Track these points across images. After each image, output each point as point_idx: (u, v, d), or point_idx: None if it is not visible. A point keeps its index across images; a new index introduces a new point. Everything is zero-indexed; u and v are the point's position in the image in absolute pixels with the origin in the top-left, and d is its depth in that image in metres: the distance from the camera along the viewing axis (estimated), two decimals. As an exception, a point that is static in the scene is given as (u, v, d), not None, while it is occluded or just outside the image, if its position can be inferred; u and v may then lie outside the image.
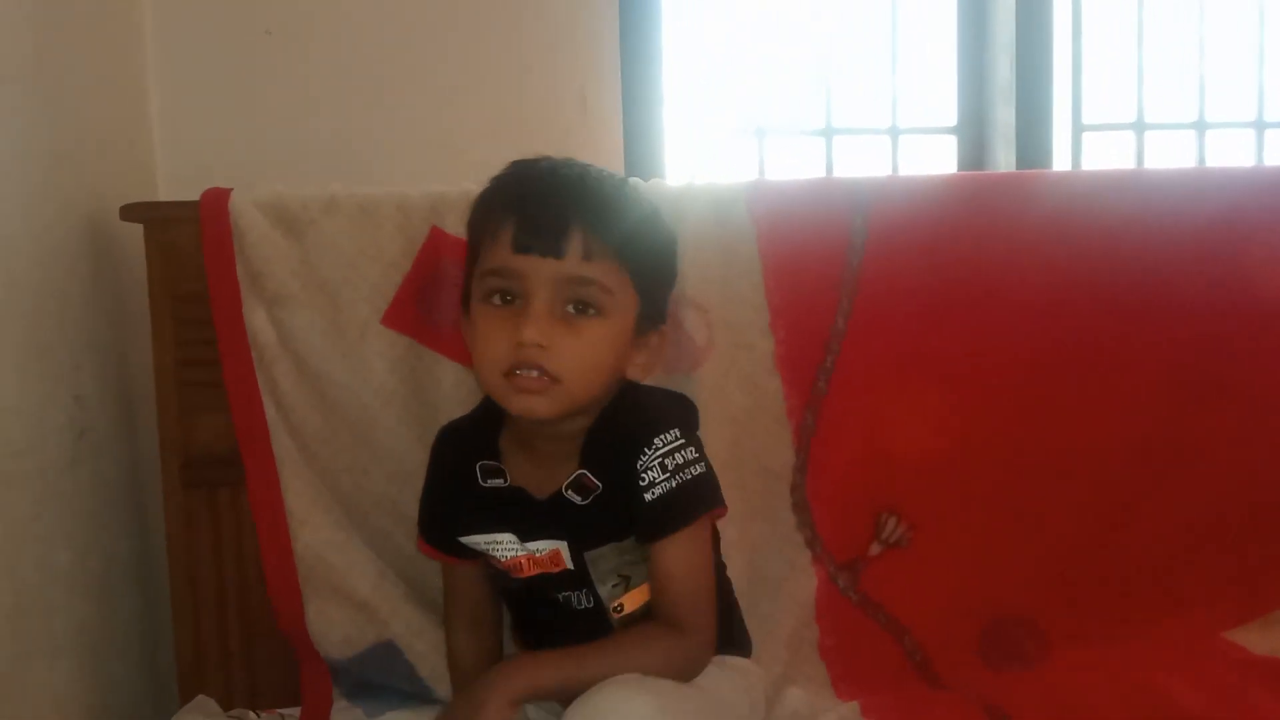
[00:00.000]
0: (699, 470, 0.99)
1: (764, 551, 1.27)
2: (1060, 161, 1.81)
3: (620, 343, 0.98)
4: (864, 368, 1.27)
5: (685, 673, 0.97)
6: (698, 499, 0.99)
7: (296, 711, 1.21)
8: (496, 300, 0.96)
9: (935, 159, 1.85)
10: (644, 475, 0.97)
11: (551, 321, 0.94)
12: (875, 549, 1.30)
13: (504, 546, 1.04)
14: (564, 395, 0.95)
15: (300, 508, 1.19)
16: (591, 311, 0.96)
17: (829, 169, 1.81)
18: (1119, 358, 1.29)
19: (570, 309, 0.95)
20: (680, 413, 1.04)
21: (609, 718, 0.87)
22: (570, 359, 0.94)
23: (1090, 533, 1.31)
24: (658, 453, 0.98)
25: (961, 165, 1.83)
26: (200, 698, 1.24)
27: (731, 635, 1.10)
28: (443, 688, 1.20)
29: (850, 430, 1.27)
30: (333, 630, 1.19)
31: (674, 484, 0.97)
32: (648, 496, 0.97)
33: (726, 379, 1.25)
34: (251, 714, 1.23)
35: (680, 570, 0.98)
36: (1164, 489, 1.31)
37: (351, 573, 1.20)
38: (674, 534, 0.98)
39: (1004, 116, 1.80)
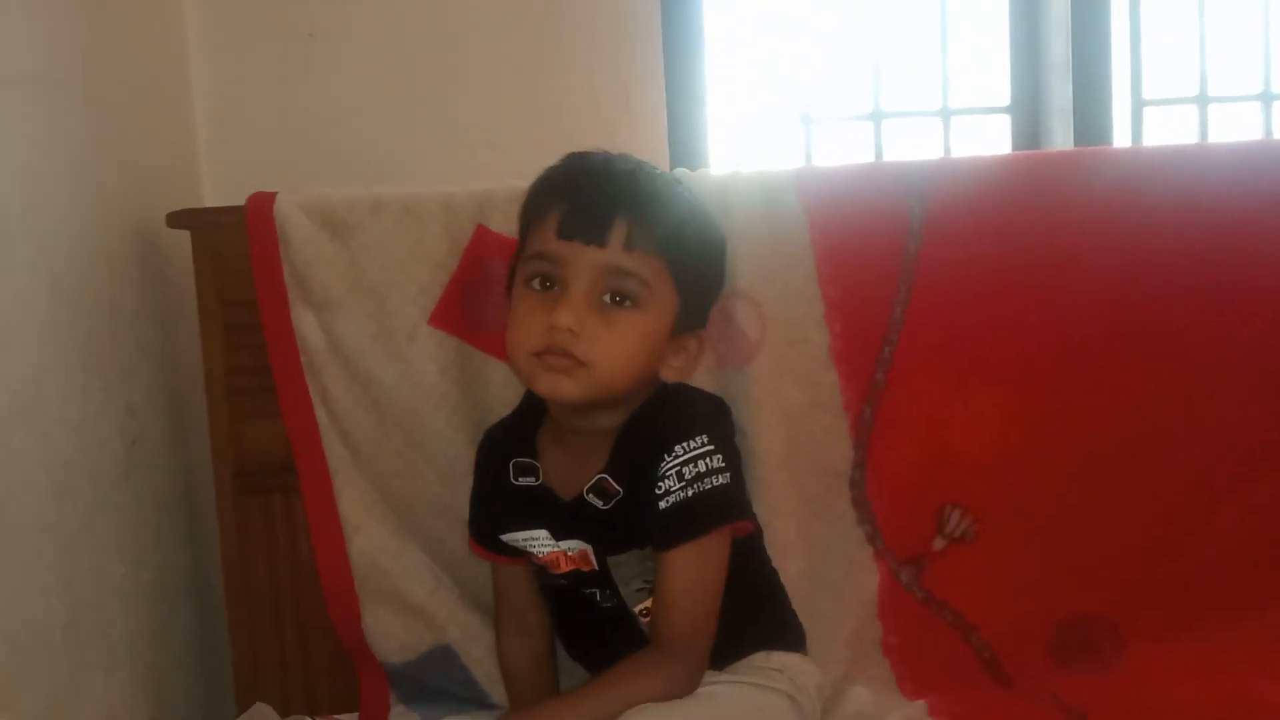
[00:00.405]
0: (719, 481, 0.96)
1: (824, 549, 1.23)
2: (1120, 138, 1.75)
3: (655, 339, 0.97)
4: (924, 358, 1.23)
5: (683, 689, 0.96)
6: (712, 511, 0.96)
7: (354, 717, 1.20)
8: (536, 285, 0.96)
9: (989, 140, 1.79)
10: (661, 482, 0.95)
11: (587, 309, 0.94)
12: (939, 543, 1.26)
13: (540, 543, 1.03)
14: (591, 380, 0.94)
15: (354, 514, 1.18)
16: (628, 304, 0.95)
17: (878, 154, 1.77)
18: (1195, 343, 1.24)
19: (607, 299, 0.95)
20: (711, 419, 1.01)
21: None
22: (601, 347, 0.93)
23: (1168, 527, 1.25)
24: (677, 460, 0.96)
25: (1016, 146, 1.78)
26: (258, 705, 1.23)
27: (780, 629, 1.07)
28: (499, 692, 1.19)
29: (911, 423, 1.23)
30: (389, 636, 1.18)
31: (688, 494, 0.95)
32: (661, 505, 0.95)
33: (781, 374, 1.22)
34: (309, 720, 1.23)
35: (684, 584, 0.96)
36: (1247, 482, 1.25)
37: (407, 578, 1.18)
38: (682, 545, 0.96)
39: (1060, 93, 1.74)
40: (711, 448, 0.97)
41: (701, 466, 0.96)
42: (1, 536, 0.93)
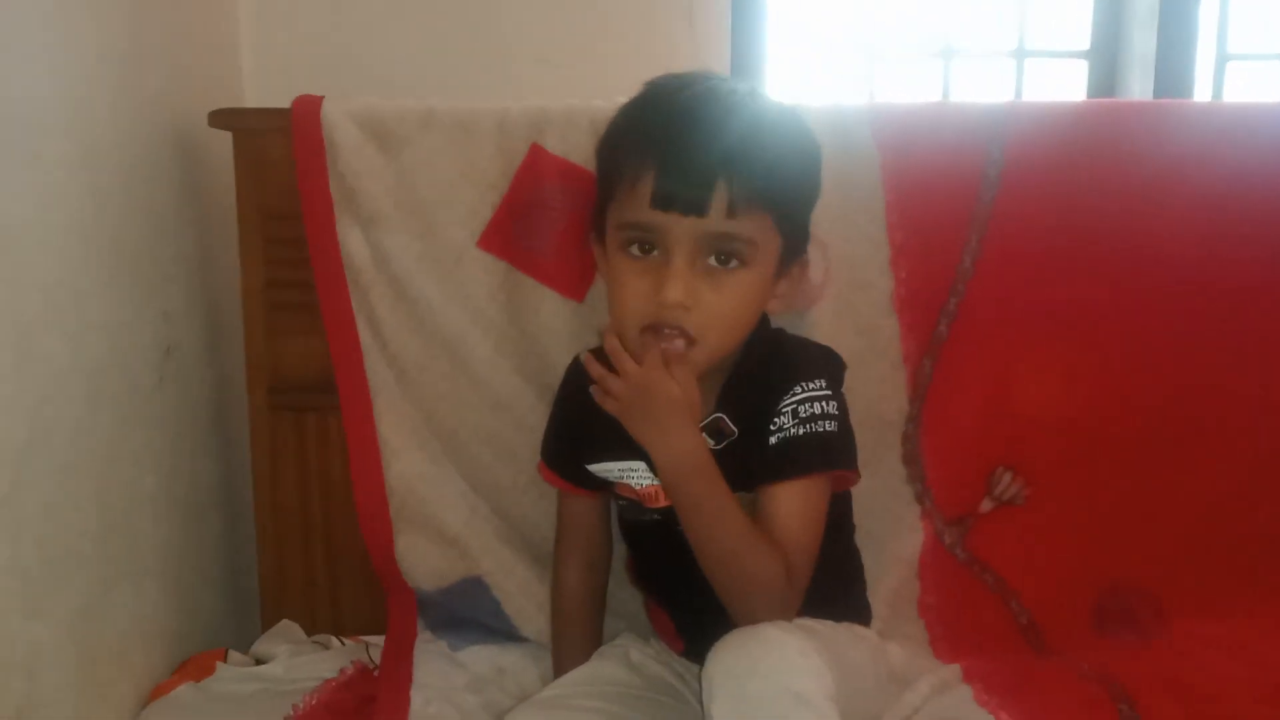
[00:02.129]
0: (831, 427, 0.93)
1: (869, 504, 1.18)
2: (1201, 92, 1.66)
3: (763, 289, 0.94)
4: (990, 312, 1.17)
5: (777, 609, 0.90)
6: (821, 453, 0.93)
7: (380, 640, 1.19)
8: (635, 251, 0.91)
9: (1063, 86, 1.71)
10: (777, 418, 0.92)
11: (694, 277, 0.89)
12: (987, 505, 1.22)
13: (638, 475, 0.99)
14: (705, 354, 0.91)
15: (394, 438, 1.16)
16: (735, 263, 0.90)
17: (945, 93, 1.69)
18: (1276, 313, 1.18)
19: (713, 260, 0.90)
20: (828, 365, 0.98)
21: (770, 654, 0.81)
22: (713, 316, 0.90)
23: (1224, 502, 1.21)
24: (795, 398, 0.93)
25: (1091, 93, 1.70)
26: (284, 622, 1.23)
27: (853, 604, 1.05)
28: (528, 626, 1.17)
29: (971, 379, 1.19)
30: (422, 563, 1.16)
31: (799, 432, 0.92)
32: (772, 440, 0.92)
33: (841, 319, 1.17)
34: (336, 639, 1.22)
35: (784, 520, 0.92)
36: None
37: (443, 506, 1.16)
38: (785, 481, 0.92)
39: (1142, 41, 1.66)
40: (829, 393, 0.95)
41: (816, 409, 0.93)
42: (37, 441, 0.91)
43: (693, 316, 0.89)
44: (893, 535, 1.20)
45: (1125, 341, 1.18)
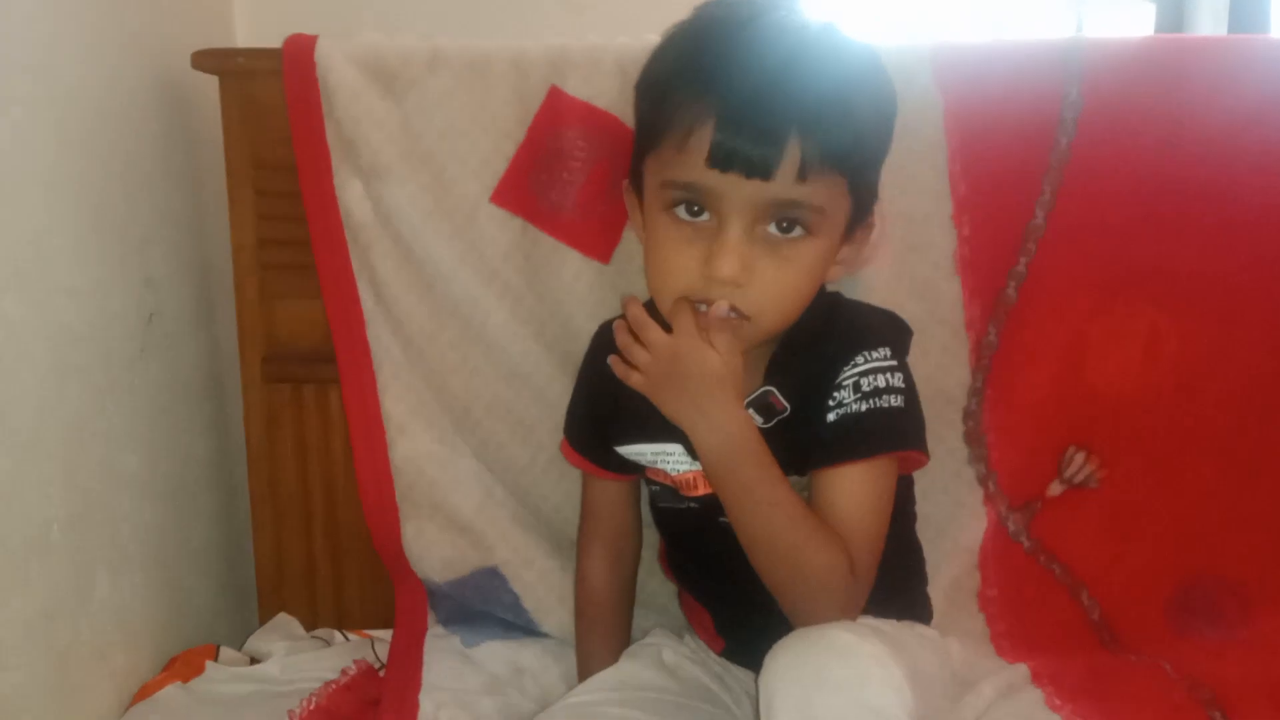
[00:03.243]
0: (897, 402, 0.82)
1: (927, 487, 1.08)
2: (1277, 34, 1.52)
3: (828, 259, 0.82)
4: (1064, 273, 1.05)
5: (840, 608, 0.80)
6: (886, 433, 0.82)
7: (387, 635, 1.10)
8: (682, 213, 0.79)
9: (1127, 30, 1.57)
10: (836, 393, 0.81)
11: (750, 247, 0.77)
12: (1056, 488, 1.11)
13: (674, 460, 0.88)
14: (756, 332, 0.81)
15: (400, 413, 1.05)
16: (798, 231, 0.78)
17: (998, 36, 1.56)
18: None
19: (773, 228, 0.78)
20: (893, 332, 0.87)
21: (842, 662, 0.71)
22: (770, 292, 0.78)
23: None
24: (857, 370, 0.82)
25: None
26: (281, 616, 1.15)
27: (913, 601, 0.95)
28: (549, 621, 1.07)
29: (1041, 348, 1.07)
30: (431, 552, 1.07)
31: (862, 408, 0.81)
32: (830, 417, 0.81)
33: (898, 281, 1.05)
34: (338, 634, 1.13)
35: (847, 506, 0.81)
36: None
37: (455, 490, 1.06)
38: (847, 464, 0.81)
39: (1215, -20, 1.51)
40: (894, 363, 0.84)
41: (881, 381, 0.82)
42: (-8, 417, 0.80)
43: (747, 293, 0.78)
44: (952, 521, 1.09)
45: (1215, 308, 1.06)
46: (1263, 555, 1.10)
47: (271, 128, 1.06)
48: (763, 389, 0.85)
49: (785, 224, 0.78)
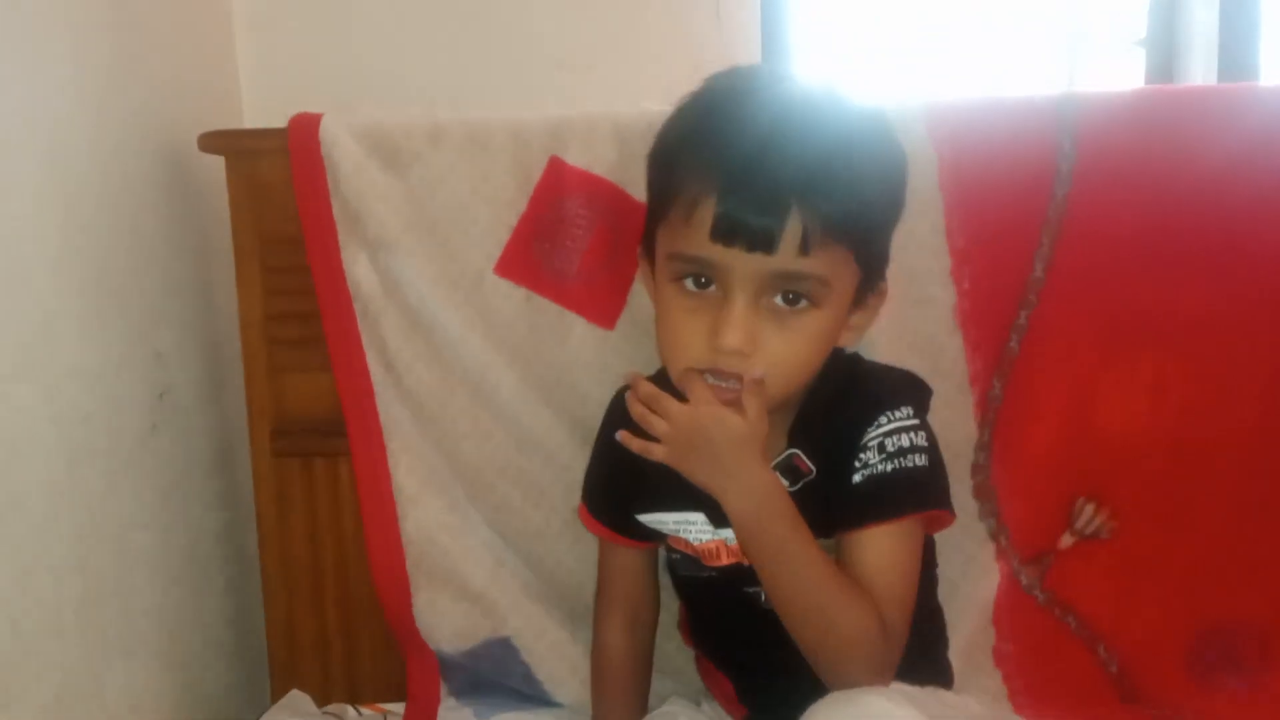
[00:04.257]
0: (922, 461, 0.82)
1: (940, 545, 1.06)
2: (1267, 78, 1.54)
3: (836, 328, 0.82)
4: (1067, 324, 1.05)
5: (874, 671, 0.80)
6: (912, 492, 0.83)
7: (400, 708, 1.09)
8: (689, 285, 0.80)
9: (1119, 76, 1.59)
10: (861, 454, 0.81)
11: (756, 318, 0.77)
12: (1067, 540, 1.10)
13: (696, 529, 0.88)
14: (763, 403, 0.80)
15: (411, 484, 1.05)
16: (804, 303, 0.79)
17: (993, 85, 1.58)
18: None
19: (778, 300, 0.78)
20: (913, 392, 0.88)
21: None
22: (777, 362, 0.78)
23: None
24: (880, 430, 0.82)
25: (1150, 82, 1.57)
26: (294, 693, 1.13)
27: (938, 668, 0.94)
28: (561, 692, 1.06)
29: (1047, 400, 1.06)
30: (443, 623, 1.06)
31: (888, 468, 0.81)
32: (856, 479, 0.81)
33: (899, 338, 1.06)
34: (351, 710, 1.12)
35: (877, 566, 0.81)
36: None
37: (466, 559, 1.05)
38: (876, 525, 0.81)
39: (1203, 26, 1.54)
40: (916, 423, 0.84)
41: (905, 441, 0.82)
42: (5, 504, 0.81)
43: (753, 363, 0.78)
44: (964, 578, 1.08)
45: (1221, 351, 1.06)
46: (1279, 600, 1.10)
47: (277, 204, 1.08)
48: (788, 452, 0.85)
49: (790, 295, 0.78)
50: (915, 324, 1.06)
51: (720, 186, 0.75)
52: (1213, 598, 1.09)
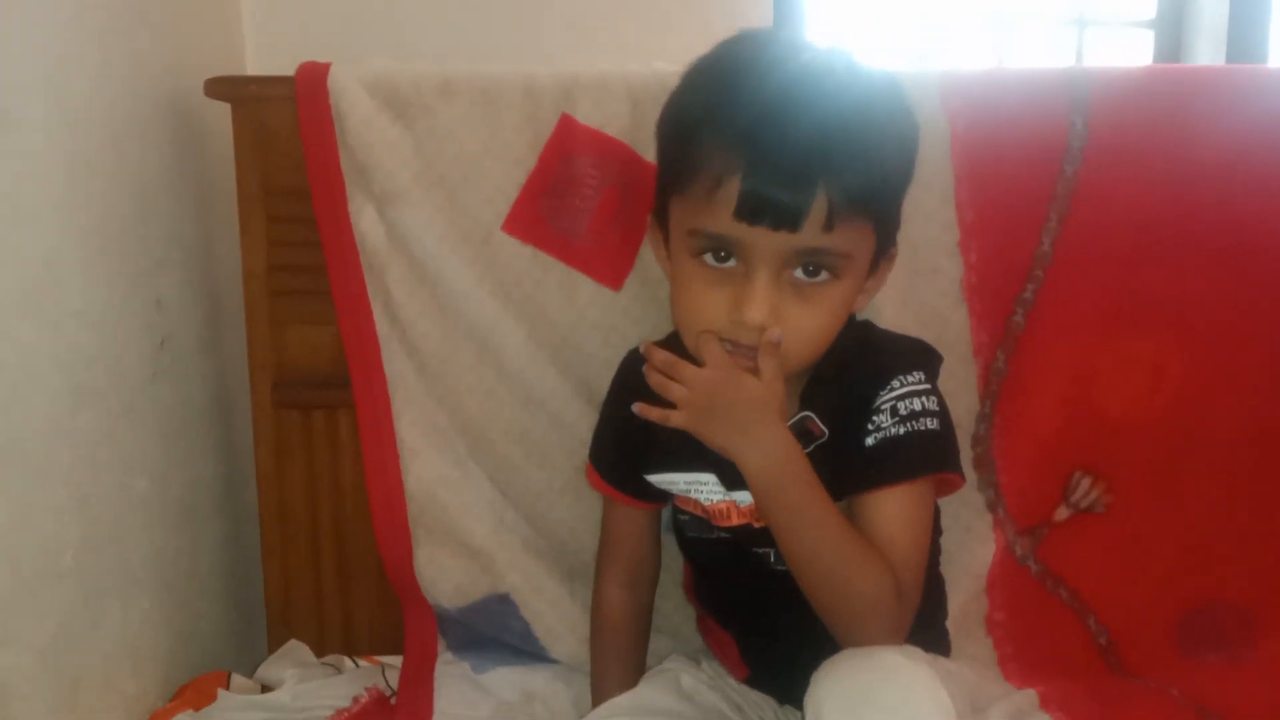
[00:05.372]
0: (933, 425, 0.83)
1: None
2: (1276, 61, 1.54)
3: (854, 297, 0.83)
4: (1072, 300, 1.06)
5: (889, 631, 0.80)
6: (925, 455, 0.83)
7: (397, 661, 1.09)
8: (710, 260, 0.79)
9: (1126, 57, 1.59)
10: (875, 417, 0.82)
11: (778, 293, 0.77)
12: (1063, 513, 1.11)
13: (707, 490, 0.88)
14: (783, 372, 0.80)
15: (414, 438, 1.05)
16: (825, 275, 0.79)
17: (1001, 64, 1.57)
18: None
19: (799, 273, 0.78)
20: (925, 357, 0.88)
21: (894, 683, 0.71)
22: (798, 334, 0.79)
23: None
24: (893, 394, 0.82)
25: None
26: (292, 643, 1.13)
27: (938, 636, 0.95)
28: (559, 648, 1.07)
29: (1049, 374, 1.07)
30: (443, 578, 1.06)
31: (900, 431, 0.82)
32: (869, 441, 0.82)
33: (905, 307, 1.06)
34: (349, 661, 1.12)
35: (889, 529, 0.81)
36: None
37: (467, 514, 1.05)
38: (888, 487, 0.82)
39: (1212, 8, 1.54)
40: (928, 387, 0.85)
41: (916, 405, 0.83)
42: (7, 444, 0.80)
43: (772, 330, 0.78)
44: (961, 547, 1.09)
45: (1221, 333, 1.07)
46: (1270, 579, 1.10)
47: (282, 154, 1.06)
48: (801, 414, 0.85)
49: (811, 268, 0.78)
50: (922, 295, 1.06)
51: (746, 167, 0.74)
52: (1202, 575, 1.11)
